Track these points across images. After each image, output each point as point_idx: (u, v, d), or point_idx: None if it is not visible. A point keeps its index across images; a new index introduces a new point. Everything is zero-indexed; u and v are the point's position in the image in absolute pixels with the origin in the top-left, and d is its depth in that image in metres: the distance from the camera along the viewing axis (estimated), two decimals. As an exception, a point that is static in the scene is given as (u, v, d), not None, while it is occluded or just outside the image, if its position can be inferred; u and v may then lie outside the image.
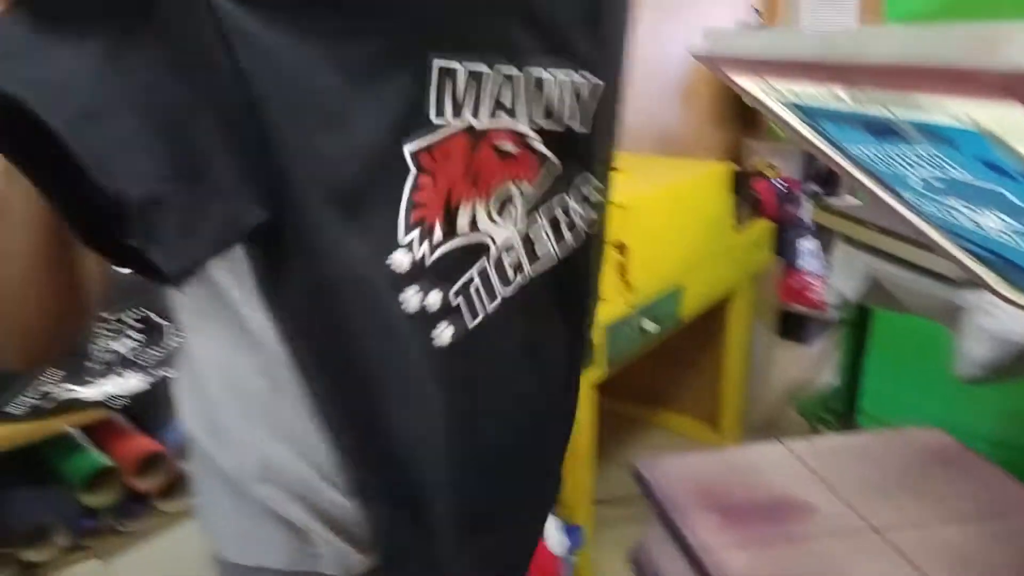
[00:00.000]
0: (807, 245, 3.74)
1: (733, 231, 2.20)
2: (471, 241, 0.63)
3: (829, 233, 3.68)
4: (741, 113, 3.71)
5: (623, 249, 1.70)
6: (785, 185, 3.47)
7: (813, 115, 0.68)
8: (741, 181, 2.14)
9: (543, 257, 0.70)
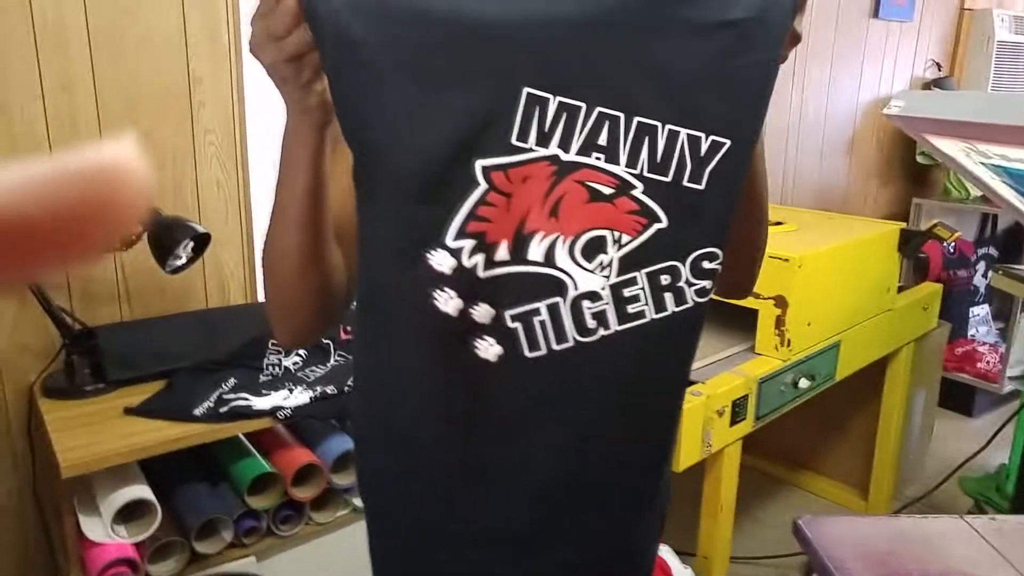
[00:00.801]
0: (978, 312, 3.49)
1: (897, 292, 2.12)
2: (543, 272, 0.63)
3: (1005, 300, 3.43)
4: (910, 171, 3.55)
5: (783, 303, 1.69)
6: (955, 248, 3.27)
7: (1022, 180, 0.68)
8: (909, 241, 2.05)
9: (636, 319, 0.66)
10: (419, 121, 0.58)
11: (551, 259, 0.63)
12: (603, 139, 0.61)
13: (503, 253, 0.62)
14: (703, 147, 0.63)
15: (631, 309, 0.65)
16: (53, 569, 1.56)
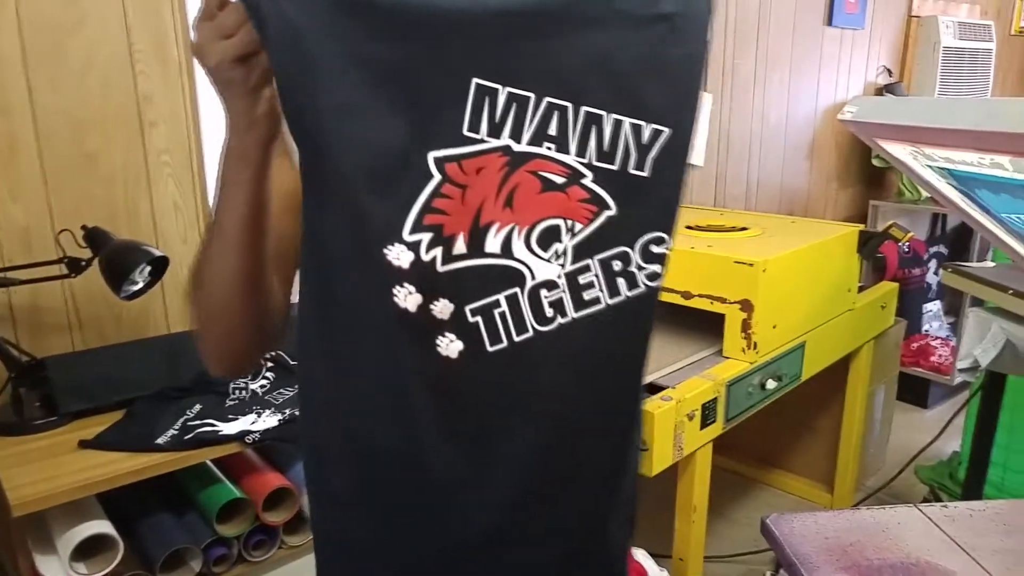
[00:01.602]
0: (931, 308, 3.59)
1: (857, 292, 2.16)
2: (501, 264, 0.64)
3: (955, 296, 3.54)
4: (867, 174, 3.64)
5: (748, 307, 1.71)
6: (909, 247, 3.36)
7: (966, 182, 0.70)
8: (868, 242, 2.10)
9: (591, 305, 0.67)
10: (368, 113, 0.58)
11: (508, 250, 0.64)
12: (553, 129, 0.62)
13: (461, 246, 0.62)
14: (645, 135, 0.64)
15: (586, 296, 0.66)
16: (11, 610, 1.50)
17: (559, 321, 0.66)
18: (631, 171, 0.64)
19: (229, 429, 1.42)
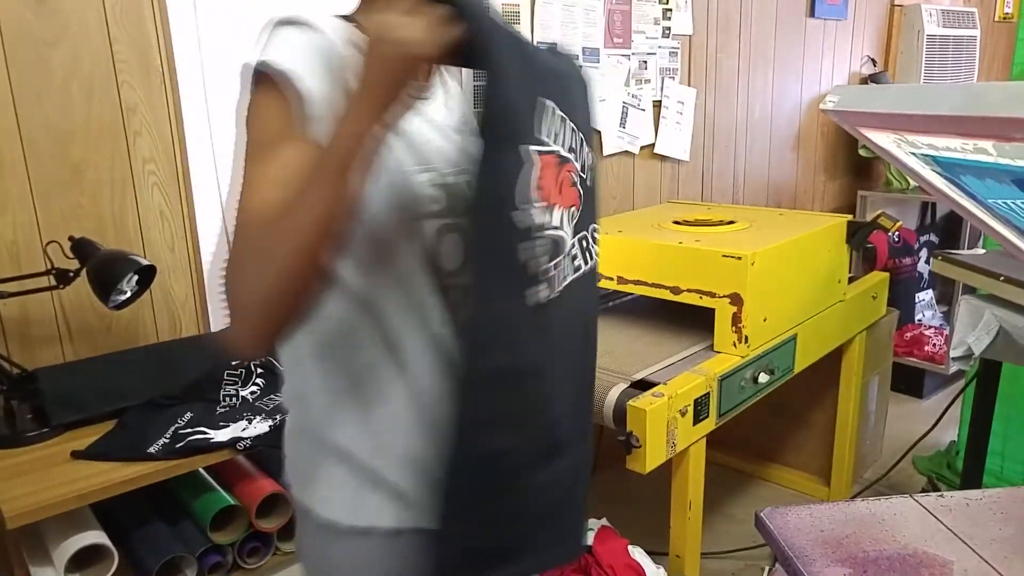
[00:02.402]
0: (923, 297, 3.60)
1: (847, 283, 2.16)
2: (559, 234, 0.86)
3: (947, 285, 3.55)
4: (854, 164, 3.65)
5: (738, 301, 1.71)
6: (899, 237, 3.37)
7: (951, 168, 0.70)
8: (856, 233, 2.10)
9: (579, 269, 0.92)
10: (523, 104, 0.81)
11: (562, 224, 0.87)
12: (573, 143, 0.89)
13: (548, 217, 0.83)
14: (587, 152, 0.94)
15: (576, 262, 0.92)
16: (6, 625, 1.49)
17: (570, 278, 0.89)
18: (586, 179, 0.93)
19: (220, 436, 1.41)
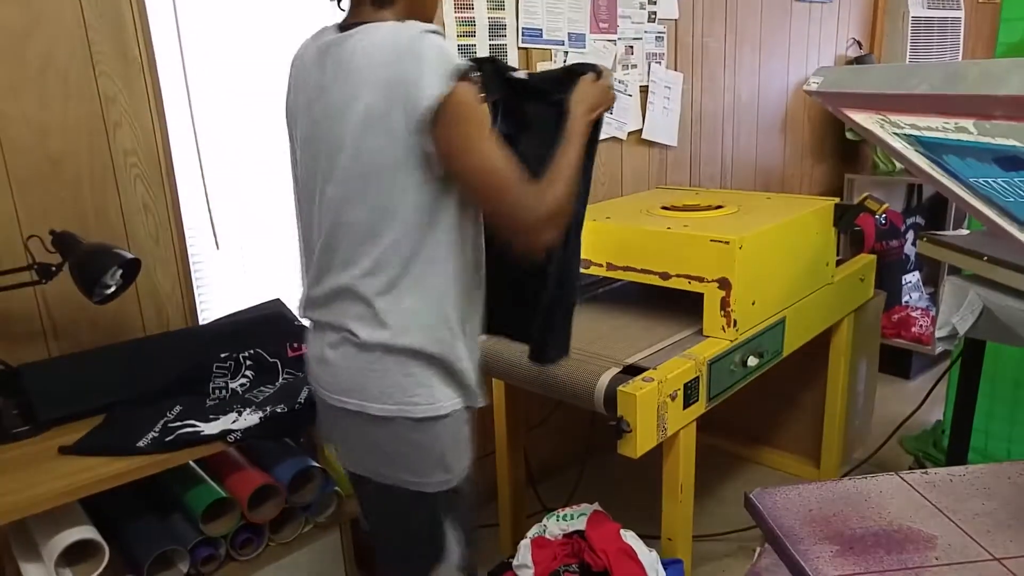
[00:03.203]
0: (910, 279, 3.62)
1: (835, 266, 2.17)
2: None
3: (933, 266, 3.57)
4: (841, 147, 3.66)
5: (726, 285, 1.71)
6: (886, 219, 3.39)
7: (933, 148, 0.70)
8: (843, 216, 2.11)
9: None
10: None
11: None
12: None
13: None
14: None
15: None
16: (-3, 621, 1.49)
17: None
18: None
19: (210, 429, 1.41)
